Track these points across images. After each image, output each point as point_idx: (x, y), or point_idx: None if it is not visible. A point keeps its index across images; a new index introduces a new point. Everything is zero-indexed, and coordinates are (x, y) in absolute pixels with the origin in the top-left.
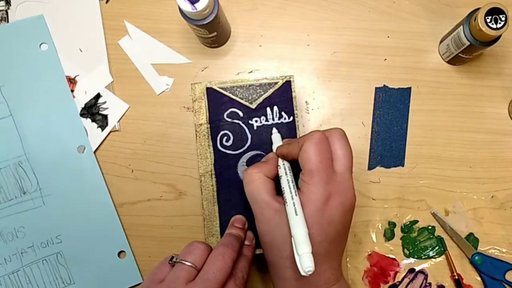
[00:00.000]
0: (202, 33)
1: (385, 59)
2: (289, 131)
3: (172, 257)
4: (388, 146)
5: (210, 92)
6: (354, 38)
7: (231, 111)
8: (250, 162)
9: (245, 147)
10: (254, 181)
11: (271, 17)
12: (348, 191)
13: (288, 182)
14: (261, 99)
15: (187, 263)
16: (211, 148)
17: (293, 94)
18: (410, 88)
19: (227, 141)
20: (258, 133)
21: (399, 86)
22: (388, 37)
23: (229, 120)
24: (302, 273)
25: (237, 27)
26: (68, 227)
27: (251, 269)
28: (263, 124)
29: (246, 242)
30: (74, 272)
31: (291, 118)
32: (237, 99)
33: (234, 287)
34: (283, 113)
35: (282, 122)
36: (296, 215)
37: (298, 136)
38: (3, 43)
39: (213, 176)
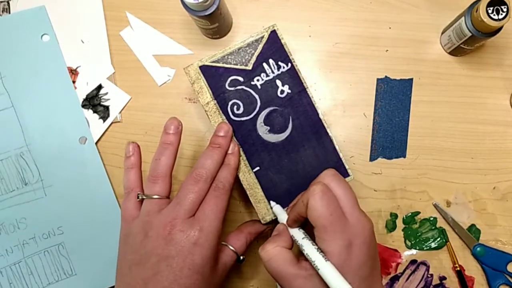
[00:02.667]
0: (203, 24)
1: (387, 50)
2: (292, 78)
3: (138, 195)
4: (390, 137)
5: (204, 69)
6: (356, 29)
7: (231, 80)
8: (267, 120)
9: (257, 108)
10: (274, 256)
11: (272, 8)
12: (364, 227)
13: (313, 249)
14: (254, 58)
15: (154, 197)
16: (226, 121)
17: (282, 41)
18: (411, 79)
19: (237, 109)
20: (264, 90)
21: (400, 77)
22: (390, 28)
23: (232, 89)
24: None
25: (239, 18)
26: (69, 219)
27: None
28: (266, 80)
29: (229, 151)
30: (76, 263)
31: (289, 64)
32: (232, 66)
33: (214, 198)
34: (279, 63)
35: (282, 72)
36: (337, 277)
37: (302, 80)
38: (5, 34)
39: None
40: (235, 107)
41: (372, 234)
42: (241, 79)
